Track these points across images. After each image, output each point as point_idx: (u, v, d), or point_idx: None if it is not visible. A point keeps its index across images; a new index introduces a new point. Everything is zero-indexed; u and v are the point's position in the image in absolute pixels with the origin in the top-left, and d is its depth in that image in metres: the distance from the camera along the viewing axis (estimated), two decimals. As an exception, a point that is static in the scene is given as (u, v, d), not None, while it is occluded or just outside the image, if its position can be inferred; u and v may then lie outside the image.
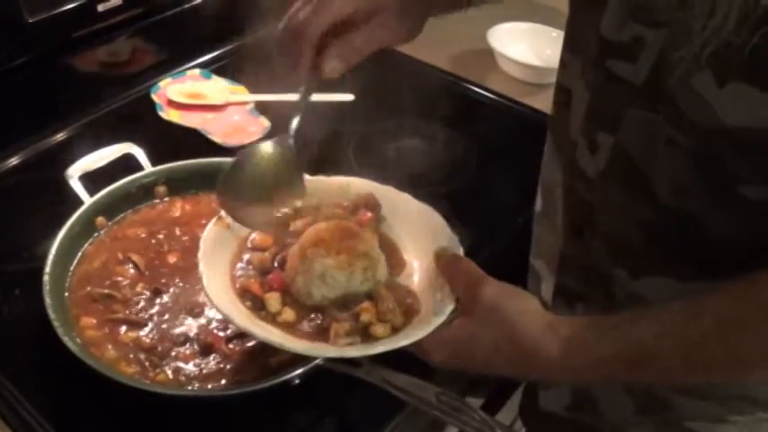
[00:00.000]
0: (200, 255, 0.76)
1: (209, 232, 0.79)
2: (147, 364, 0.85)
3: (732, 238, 0.73)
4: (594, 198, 0.84)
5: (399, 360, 0.74)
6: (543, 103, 1.34)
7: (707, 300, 0.67)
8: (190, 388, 0.83)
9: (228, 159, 1.03)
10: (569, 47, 0.87)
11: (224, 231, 0.80)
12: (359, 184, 0.86)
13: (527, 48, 1.50)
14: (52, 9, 1.20)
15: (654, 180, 0.75)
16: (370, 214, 0.81)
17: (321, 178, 0.86)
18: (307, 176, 0.84)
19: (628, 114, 0.75)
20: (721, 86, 0.65)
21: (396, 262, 0.80)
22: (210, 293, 0.73)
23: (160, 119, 1.25)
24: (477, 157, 1.24)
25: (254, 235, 0.81)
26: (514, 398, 1.10)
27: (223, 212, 0.80)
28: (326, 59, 0.75)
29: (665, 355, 0.67)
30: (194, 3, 1.41)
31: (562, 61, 0.88)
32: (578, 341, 0.69)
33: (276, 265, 0.77)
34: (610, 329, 0.69)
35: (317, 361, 0.77)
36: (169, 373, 0.85)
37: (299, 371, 0.80)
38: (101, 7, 1.25)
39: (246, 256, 0.79)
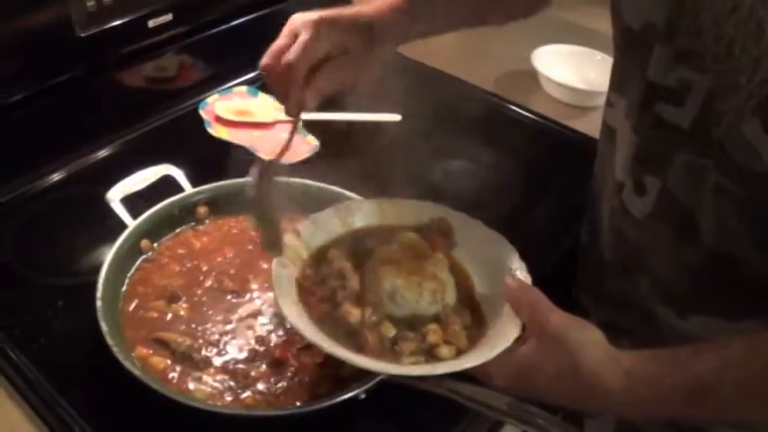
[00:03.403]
0: (273, 270, 0.78)
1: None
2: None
3: None
4: (642, 239, 0.85)
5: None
6: (586, 125, 1.34)
7: (765, 336, 0.67)
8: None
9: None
10: (616, 88, 0.87)
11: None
12: (432, 209, 0.87)
13: (570, 70, 1.50)
14: (103, 24, 1.20)
15: (700, 224, 0.76)
16: (442, 239, 0.82)
17: (396, 201, 0.88)
18: (382, 199, 0.87)
19: (676, 159, 0.77)
20: None
21: (465, 287, 0.81)
22: (283, 307, 0.75)
23: (208, 135, 1.26)
24: (521, 179, 1.24)
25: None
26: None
27: (299, 227, 0.83)
28: (309, 93, 0.79)
29: (725, 391, 0.67)
30: (241, 20, 1.42)
31: (608, 101, 0.89)
32: (640, 375, 0.69)
33: None
34: (670, 364, 0.70)
35: (381, 376, 0.77)
36: (249, 394, 0.83)
37: (365, 386, 0.79)
38: (151, 23, 1.26)
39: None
